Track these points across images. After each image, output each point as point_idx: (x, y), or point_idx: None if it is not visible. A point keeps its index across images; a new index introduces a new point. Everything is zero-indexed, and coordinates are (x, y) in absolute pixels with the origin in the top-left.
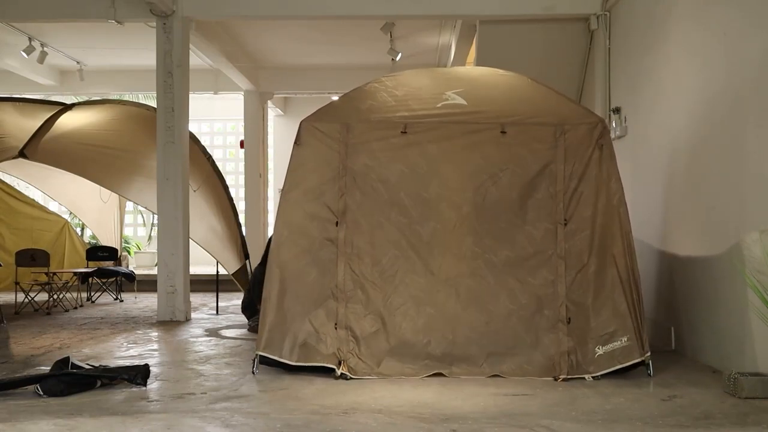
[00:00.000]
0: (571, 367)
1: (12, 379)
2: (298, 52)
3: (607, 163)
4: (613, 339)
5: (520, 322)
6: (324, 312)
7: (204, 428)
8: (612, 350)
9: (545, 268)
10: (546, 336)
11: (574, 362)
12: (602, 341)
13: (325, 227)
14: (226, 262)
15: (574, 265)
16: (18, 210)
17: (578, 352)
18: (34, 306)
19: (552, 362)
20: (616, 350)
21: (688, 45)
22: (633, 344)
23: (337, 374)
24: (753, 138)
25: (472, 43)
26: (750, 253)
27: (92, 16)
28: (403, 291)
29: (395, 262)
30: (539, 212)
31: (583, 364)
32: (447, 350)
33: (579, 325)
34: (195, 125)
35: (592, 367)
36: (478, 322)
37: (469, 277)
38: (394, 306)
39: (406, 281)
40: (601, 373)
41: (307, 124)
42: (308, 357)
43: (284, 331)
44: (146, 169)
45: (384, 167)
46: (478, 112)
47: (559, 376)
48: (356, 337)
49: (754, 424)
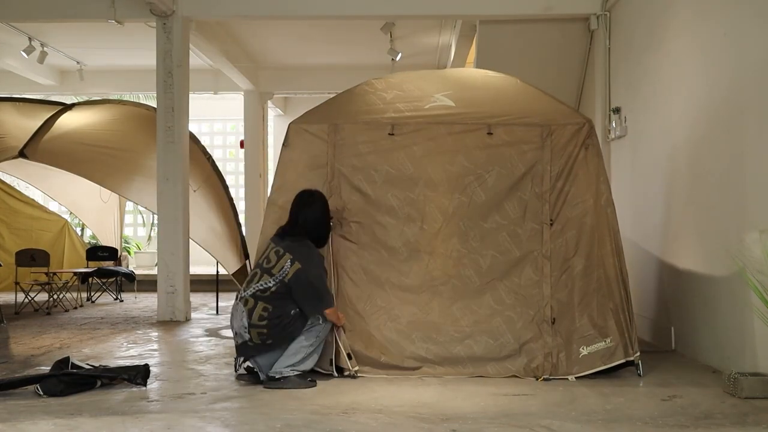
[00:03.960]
0: (554, 367)
1: (12, 379)
2: (298, 52)
3: (594, 163)
4: (597, 339)
5: (504, 322)
6: None
7: (204, 428)
8: (596, 351)
9: (531, 269)
10: (530, 336)
11: (557, 362)
12: (586, 341)
13: None
14: (226, 262)
15: (559, 266)
16: (18, 210)
17: (562, 353)
18: (34, 306)
19: (536, 362)
20: (600, 350)
21: (689, 45)
22: (617, 345)
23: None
24: (753, 138)
25: (472, 43)
26: (750, 253)
27: (92, 16)
28: (388, 291)
29: (381, 262)
30: (525, 213)
31: (567, 365)
32: (432, 350)
33: (564, 325)
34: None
35: (576, 367)
36: (464, 322)
37: (454, 278)
38: (379, 306)
39: (392, 281)
40: (584, 374)
41: (296, 126)
42: None
43: None
44: (146, 169)
45: (371, 168)
46: (465, 113)
47: (540, 377)
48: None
49: (754, 424)
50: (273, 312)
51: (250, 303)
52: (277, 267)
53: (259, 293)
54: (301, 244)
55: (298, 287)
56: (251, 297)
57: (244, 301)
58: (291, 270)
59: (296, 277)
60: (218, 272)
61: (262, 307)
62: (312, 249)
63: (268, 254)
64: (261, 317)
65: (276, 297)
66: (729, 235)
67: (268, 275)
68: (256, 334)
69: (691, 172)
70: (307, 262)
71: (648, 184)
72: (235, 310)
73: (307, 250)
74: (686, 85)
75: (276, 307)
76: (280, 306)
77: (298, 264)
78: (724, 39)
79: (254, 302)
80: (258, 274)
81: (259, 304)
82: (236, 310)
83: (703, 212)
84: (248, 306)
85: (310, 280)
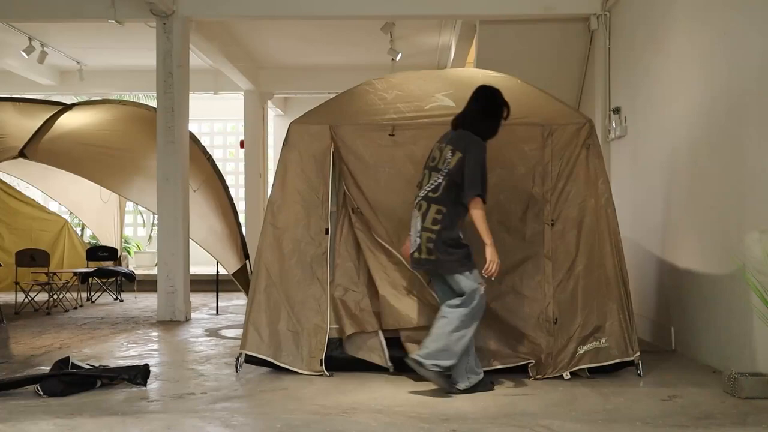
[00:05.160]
0: (555, 367)
1: (12, 379)
2: (298, 52)
3: (595, 163)
4: (594, 339)
5: (506, 321)
6: (310, 312)
7: (204, 428)
8: (591, 349)
9: (533, 269)
10: (531, 335)
11: (557, 362)
12: (584, 341)
13: (312, 228)
14: (226, 262)
15: (561, 266)
16: (18, 210)
17: (563, 352)
18: (34, 306)
19: (536, 361)
20: (597, 349)
21: (689, 45)
22: (614, 344)
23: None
24: (753, 138)
25: (472, 43)
26: (750, 253)
27: (92, 16)
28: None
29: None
30: (526, 213)
31: (565, 363)
32: None
33: (565, 325)
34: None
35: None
36: None
37: None
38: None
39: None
40: (579, 368)
41: (296, 126)
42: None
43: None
44: (146, 169)
45: (372, 169)
46: None
47: (536, 375)
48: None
49: (754, 424)
50: (446, 216)
51: (423, 206)
52: (441, 160)
53: (430, 194)
54: (461, 136)
55: (458, 172)
56: (423, 200)
57: (418, 205)
58: (453, 159)
59: (458, 165)
60: (218, 272)
61: (435, 210)
62: (471, 138)
63: (432, 153)
64: (434, 220)
65: (446, 196)
66: (729, 235)
67: (435, 172)
68: (426, 239)
69: (691, 172)
70: (465, 150)
71: (648, 184)
72: (413, 217)
73: (467, 139)
74: (686, 85)
75: (448, 211)
76: (451, 214)
77: (459, 153)
78: (724, 39)
79: (427, 205)
80: (426, 174)
81: (432, 206)
82: (413, 217)
83: (703, 212)
84: (421, 210)
85: (467, 164)
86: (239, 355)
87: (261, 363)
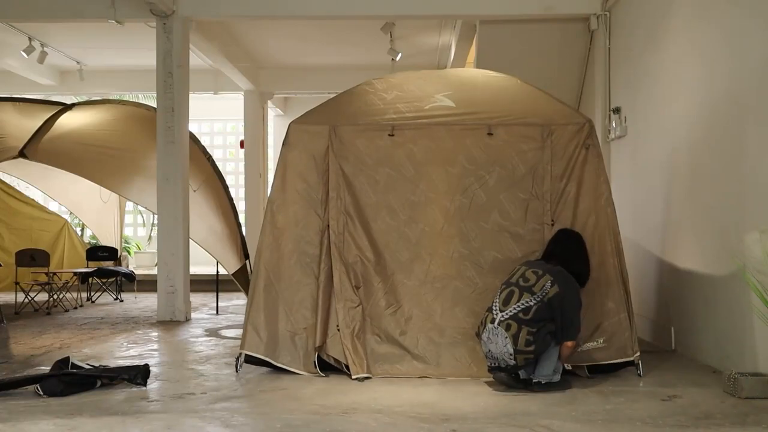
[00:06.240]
0: None
1: (12, 379)
2: (298, 52)
3: (594, 163)
4: (593, 338)
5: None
6: (308, 313)
7: (204, 428)
8: (590, 349)
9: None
10: None
11: None
12: (585, 340)
13: (311, 228)
14: (226, 262)
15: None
16: (18, 210)
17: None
18: (34, 306)
19: None
20: (597, 349)
21: (689, 45)
22: (614, 344)
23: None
24: (753, 138)
25: (472, 43)
26: (750, 253)
27: (92, 16)
28: (390, 293)
29: (382, 264)
30: (526, 213)
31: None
32: (435, 351)
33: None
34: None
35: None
36: (466, 323)
37: (456, 279)
38: (381, 307)
39: (394, 283)
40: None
41: (296, 126)
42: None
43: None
44: (146, 169)
45: (371, 170)
46: (465, 114)
47: None
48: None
49: (754, 424)
50: (537, 336)
51: (513, 328)
52: (538, 286)
53: (521, 314)
54: (559, 271)
55: (554, 309)
56: (513, 320)
57: (506, 325)
58: (551, 290)
59: (557, 299)
60: (218, 272)
61: (527, 332)
62: (570, 279)
63: (525, 274)
64: (527, 342)
65: (537, 319)
66: (729, 235)
67: (529, 293)
68: (523, 359)
69: (690, 172)
70: (565, 288)
71: (648, 184)
72: (494, 334)
73: (566, 276)
74: (686, 85)
75: (539, 330)
76: (542, 331)
77: (557, 287)
78: (724, 39)
79: (517, 327)
80: (516, 293)
81: (522, 329)
82: (496, 335)
83: (703, 212)
84: (511, 331)
85: (566, 306)
86: (239, 355)
87: (261, 363)
